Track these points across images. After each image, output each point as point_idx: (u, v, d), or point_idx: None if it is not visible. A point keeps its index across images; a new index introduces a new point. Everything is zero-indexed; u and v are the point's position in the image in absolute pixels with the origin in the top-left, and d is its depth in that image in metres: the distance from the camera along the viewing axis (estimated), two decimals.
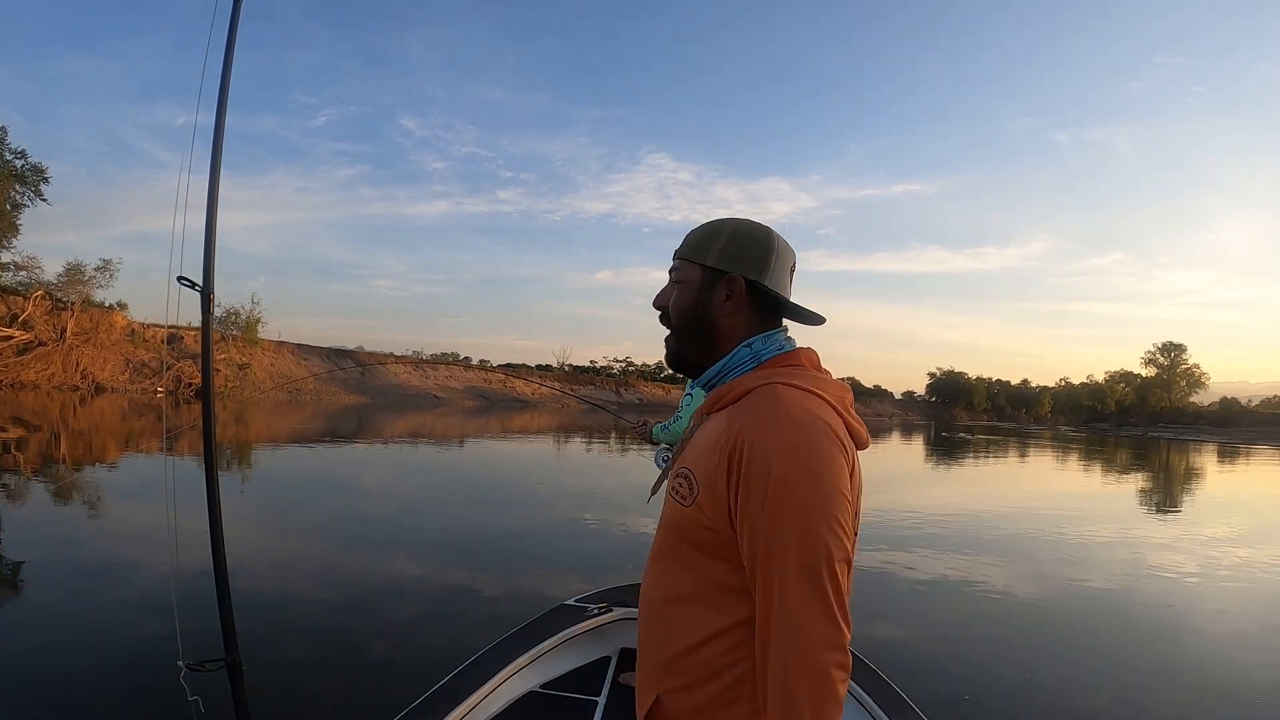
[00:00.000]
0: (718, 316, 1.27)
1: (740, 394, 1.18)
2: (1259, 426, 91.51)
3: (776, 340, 1.28)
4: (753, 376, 1.21)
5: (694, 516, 1.15)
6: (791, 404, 1.10)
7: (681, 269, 1.31)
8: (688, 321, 1.30)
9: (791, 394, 1.13)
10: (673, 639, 1.19)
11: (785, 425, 1.07)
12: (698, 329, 1.29)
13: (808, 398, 1.13)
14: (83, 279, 47.66)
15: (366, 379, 67.81)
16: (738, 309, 1.27)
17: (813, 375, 1.20)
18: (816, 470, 1.04)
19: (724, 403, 1.22)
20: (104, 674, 4.44)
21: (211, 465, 2.47)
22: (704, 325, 1.28)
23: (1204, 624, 7.07)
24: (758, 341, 1.26)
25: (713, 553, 1.14)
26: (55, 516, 9.24)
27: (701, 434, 1.24)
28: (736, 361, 1.26)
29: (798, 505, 1.03)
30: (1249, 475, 30.07)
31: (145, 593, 6.00)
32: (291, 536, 8.69)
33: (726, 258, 1.26)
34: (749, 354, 1.26)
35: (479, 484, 15.05)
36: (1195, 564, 9.90)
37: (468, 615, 5.95)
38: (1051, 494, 18.97)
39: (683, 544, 1.19)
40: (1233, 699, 5.19)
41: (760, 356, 1.25)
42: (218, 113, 2.47)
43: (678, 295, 1.31)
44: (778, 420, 1.08)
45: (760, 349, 1.26)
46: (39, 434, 20.10)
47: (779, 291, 1.27)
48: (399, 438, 25.74)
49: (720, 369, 1.27)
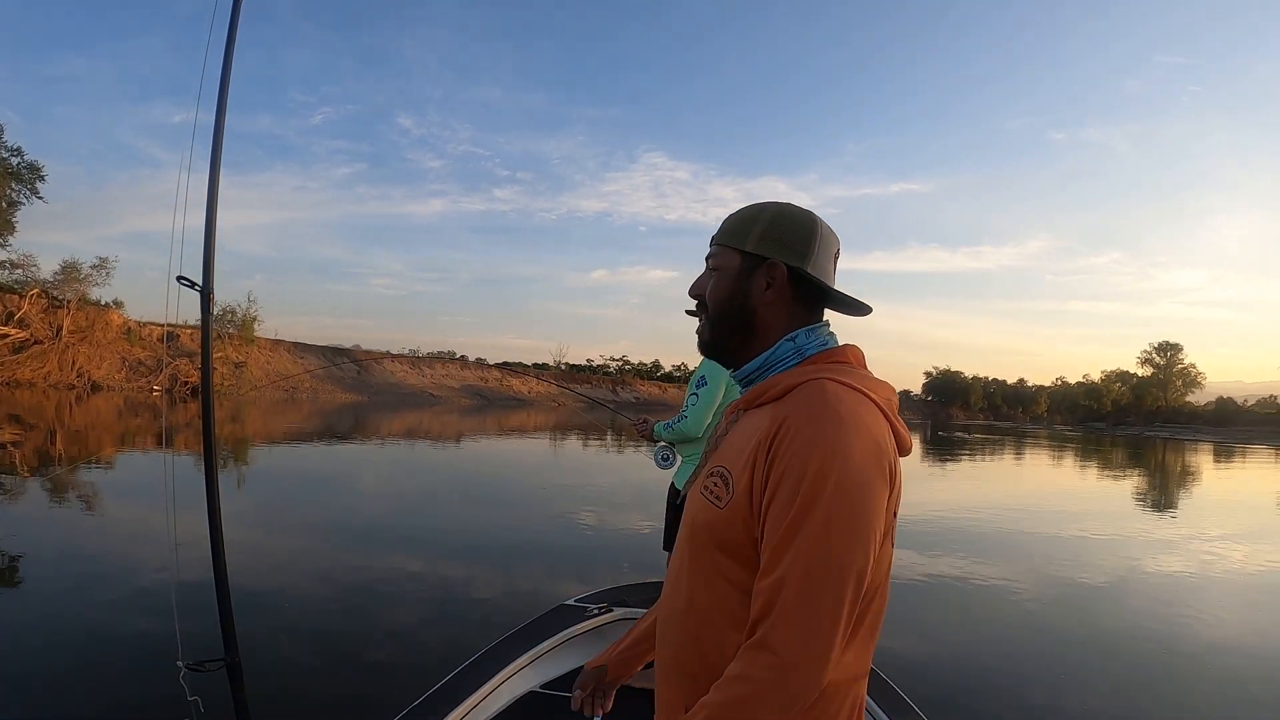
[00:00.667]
0: (757, 305, 1.20)
1: (784, 389, 1.12)
2: (1255, 426, 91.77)
3: (820, 335, 1.22)
4: (798, 372, 1.14)
5: (729, 519, 1.09)
6: (839, 403, 1.04)
7: (719, 255, 1.24)
8: (725, 310, 1.22)
9: (840, 391, 1.06)
10: (702, 653, 1.12)
11: (830, 424, 1.01)
12: (736, 318, 1.22)
13: (856, 398, 1.07)
14: (79, 277, 47.64)
15: (363, 377, 67.77)
16: (778, 297, 1.20)
17: (861, 374, 1.14)
18: (854, 479, 0.98)
19: (765, 399, 1.15)
20: (103, 674, 4.44)
21: (211, 464, 2.46)
22: (743, 314, 1.21)
23: (1200, 623, 7.08)
24: (801, 335, 1.20)
25: (748, 560, 1.07)
26: (53, 516, 9.23)
27: (738, 431, 1.19)
28: (779, 356, 1.20)
29: (825, 508, 0.97)
30: (1245, 475, 30.13)
31: (144, 593, 5.99)
32: (290, 536, 8.68)
33: (767, 242, 1.19)
34: (792, 348, 1.19)
35: (476, 483, 15.04)
36: (1192, 563, 9.93)
37: (467, 615, 5.95)
38: (1048, 493, 19.00)
39: (714, 549, 1.11)
40: (1230, 698, 5.20)
41: (804, 351, 1.19)
42: (218, 112, 2.47)
43: (715, 283, 1.24)
44: (824, 418, 1.02)
45: (804, 343, 1.19)
46: (35, 433, 20.06)
47: (822, 279, 1.20)
48: (396, 436, 25.74)
49: (761, 364, 1.21)
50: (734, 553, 1.09)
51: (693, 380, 3.71)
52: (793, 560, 0.97)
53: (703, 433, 3.62)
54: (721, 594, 1.10)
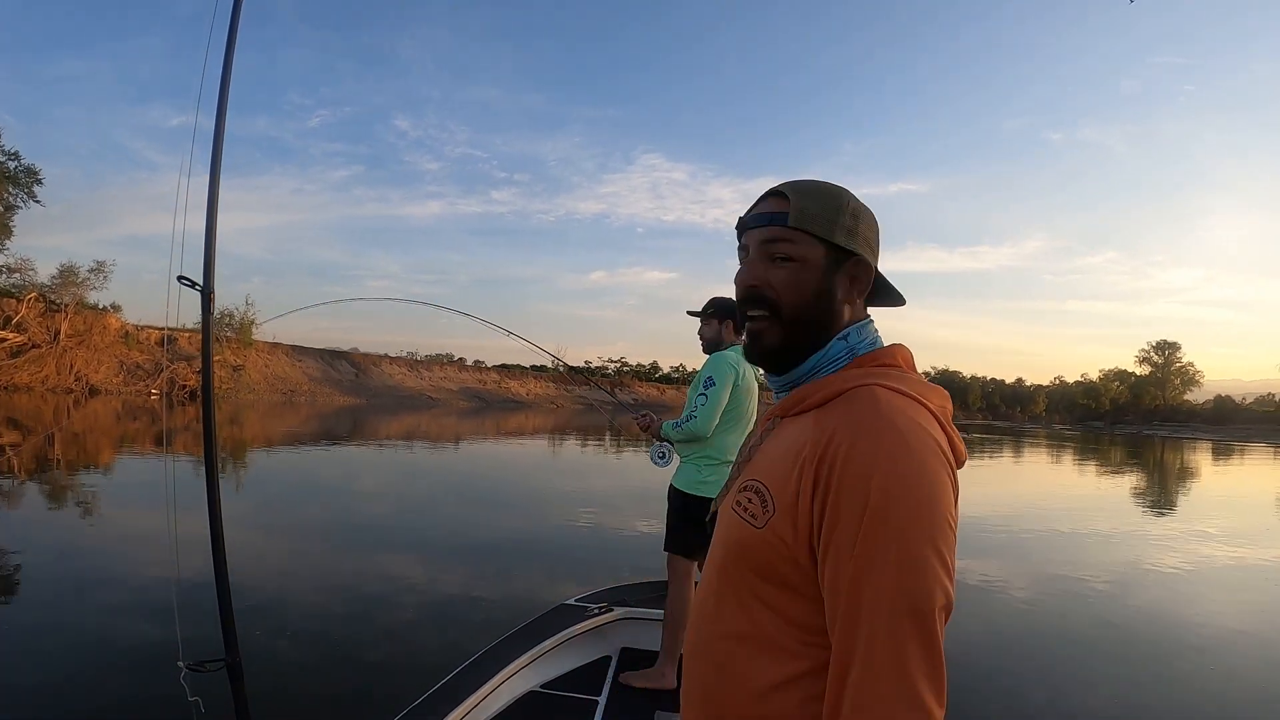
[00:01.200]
0: (839, 307, 1.08)
1: (829, 395, 1.01)
2: (1253, 424, 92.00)
3: (869, 332, 1.10)
4: (843, 377, 1.03)
5: (767, 540, 0.97)
6: (896, 412, 0.93)
7: (798, 242, 1.06)
8: (809, 311, 1.07)
9: (894, 399, 0.95)
10: (734, 685, 1.00)
11: (889, 437, 0.90)
12: (817, 321, 1.07)
13: (911, 405, 0.96)
14: (76, 281, 47.61)
15: (361, 380, 67.81)
16: (857, 299, 1.10)
17: (915, 380, 1.03)
18: (924, 495, 0.88)
19: (808, 405, 1.04)
20: (104, 674, 4.44)
21: (212, 464, 2.46)
22: (826, 316, 1.08)
23: (1200, 620, 7.08)
24: (853, 333, 1.09)
25: (789, 586, 0.96)
26: (53, 519, 9.22)
27: (776, 441, 1.07)
28: (831, 357, 1.07)
29: (899, 536, 0.86)
30: (1243, 473, 30.18)
31: (145, 594, 5.99)
32: (290, 538, 8.67)
33: (856, 238, 1.07)
34: (844, 348, 1.07)
35: (475, 485, 15.04)
36: (1191, 561, 9.93)
37: (466, 616, 5.94)
38: (1047, 493, 19.01)
39: (750, 572, 1.00)
40: (1229, 695, 5.21)
41: (855, 351, 1.07)
42: (218, 112, 2.47)
43: (793, 276, 1.06)
44: (880, 430, 0.91)
45: (856, 342, 1.08)
46: (35, 436, 20.03)
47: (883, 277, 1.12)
48: (394, 439, 25.72)
49: (812, 366, 1.08)
50: (772, 576, 0.98)
51: (698, 380, 3.68)
52: (869, 611, 0.85)
53: (710, 433, 3.61)
54: (757, 621, 0.99)
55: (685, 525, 3.62)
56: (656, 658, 3.55)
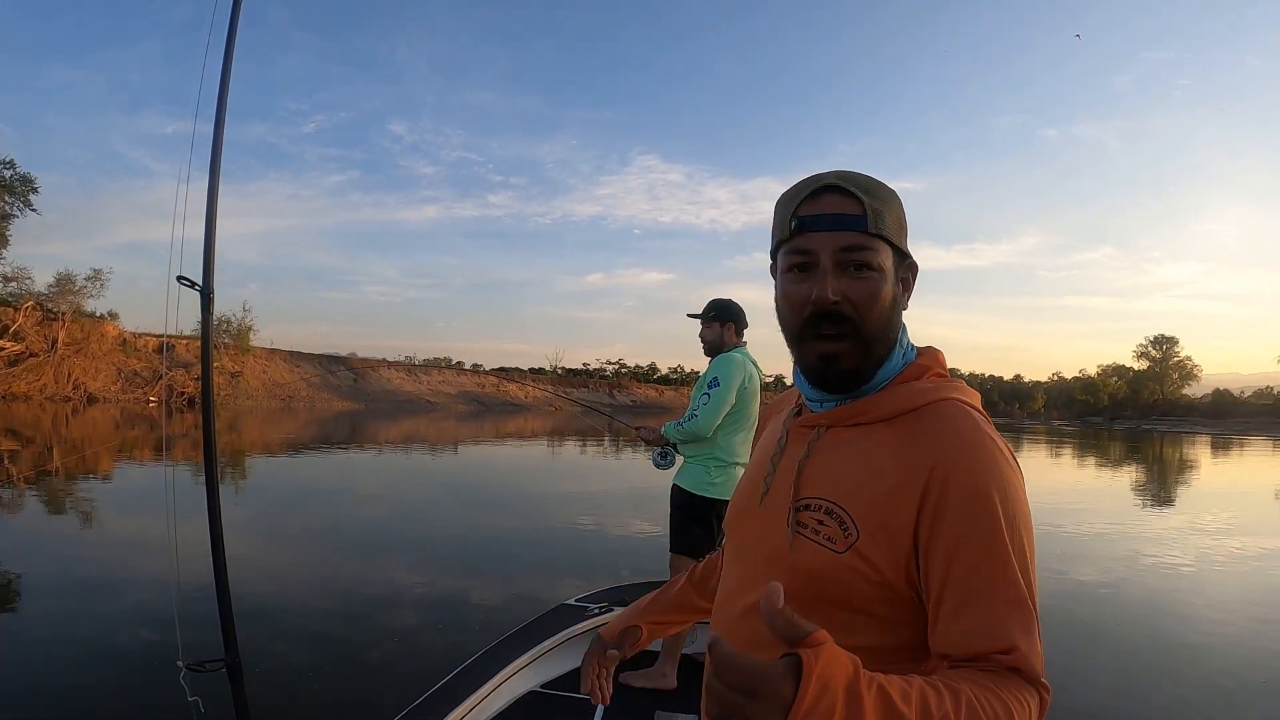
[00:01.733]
0: (900, 314, 1.02)
1: (905, 409, 0.96)
2: (1251, 417, 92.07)
3: (906, 334, 1.05)
4: (917, 389, 0.98)
5: (854, 566, 0.90)
6: (987, 429, 0.93)
7: (877, 252, 0.96)
8: (888, 327, 0.99)
9: (977, 416, 0.95)
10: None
11: (995, 455, 0.90)
12: (893, 335, 1.01)
13: (988, 421, 0.96)
14: (73, 289, 47.65)
15: (359, 385, 67.76)
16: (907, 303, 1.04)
17: (970, 390, 1.01)
18: (1026, 508, 0.91)
19: (868, 418, 0.98)
20: (104, 674, 4.45)
21: (212, 464, 2.47)
22: (896, 330, 1.02)
23: (1199, 615, 7.09)
24: (904, 338, 1.04)
25: (869, 611, 0.91)
26: (55, 524, 9.23)
27: (839, 457, 0.99)
28: (892, 370, 1.01)
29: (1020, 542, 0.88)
30: (1242, 466, 30.20)
31: (145, 595, 6.01)
32: (290, 542, 8.68)
33: (904, 236, 1.01)
34: (900, 354, 1.02)
35: (474, 489, 15.04)
36: (1190, 555, 9.93)
37: (465, 617, 5.94)
38: (1047, 488, 19.00)
39: (829, 603, 0.92)
40: (1227, 689, 5.21)
41: (907, 358, 1.03)
42: (218, 112, 2.48)
43: (874, 289, 0.96)
44: (984, 447, 0.90)
45: (905, 347, 1.04)
46: (35, 445, 20.02)
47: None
48: (393, 443, 25.71)
49: (878, 380, 1.01)
50: (853, 603, 0.92)
51: (703, 380, 3.70)
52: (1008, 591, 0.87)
53: (711, 433, 3.61)
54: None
55: (691, 525, 3.63)
56: (657, 658, 3.56)
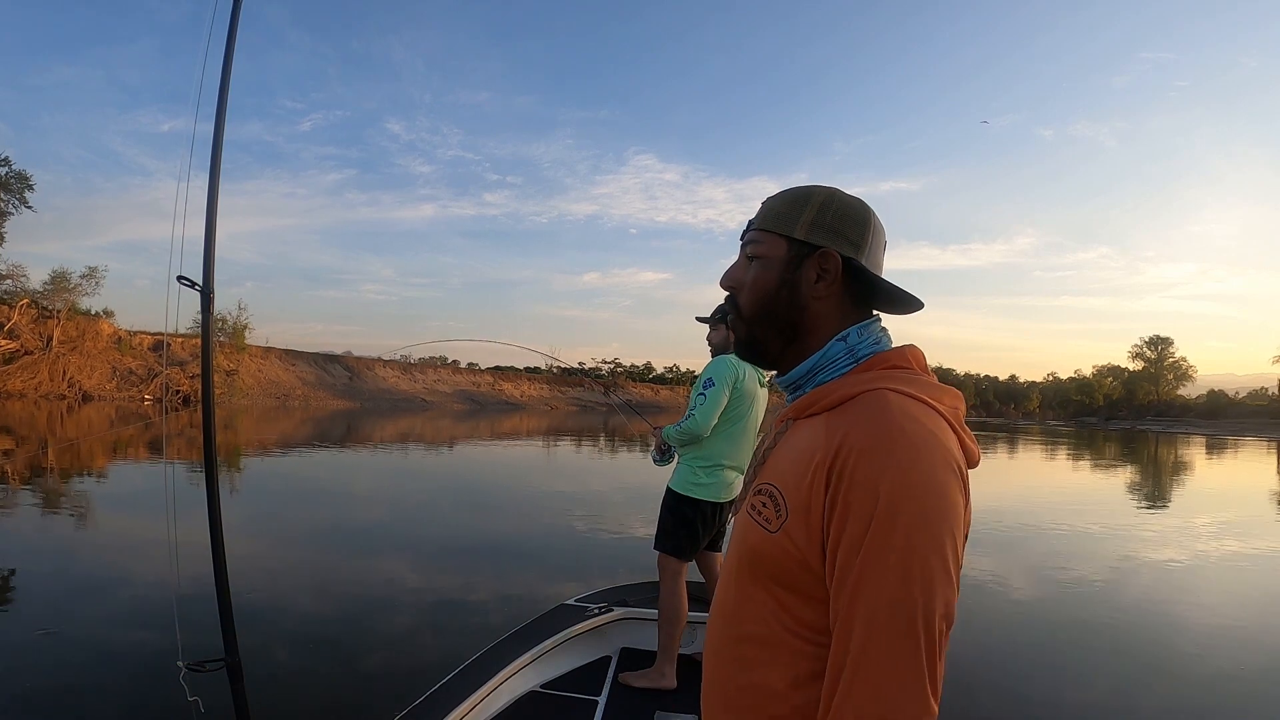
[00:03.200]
0: (807, 300, 1.07)
1: (840, 399, 1.00)
2: (1246, 418, 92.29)
3: (874, 333, 1.08)
4: (854, 380, 1.02)
5: (781, 545, 0.96)
6: (906, 417, 0.92)
7: (763, 242, 1.09)
8: (771, 306, 1.09)
9: (906, 404, 0.95)
10: (752, 686, 1.00)
11: (899, 444, 0.89)
12: (782, 315, 1.09)
13: (923, 410, 0.95)
14: (68, 287, 47.54)
15: (355, 384, 67.72)
16: (830, 292, 1.07)
17: (925, 381, 1.02)
18: (932, 504, 0.87)
19: (818, 409, 1.03)
20: (104, 674, 4.43)
21: (211, 464, 2.46)
22: (790, 311, 1.08)
23: (1194, 615, 7.12)
24: (853, 334, 1.07)
25: (800, 590, 0.96)
26: (51, 524, 9.18)
27: (789, 444, 1.06)
28: (830, 358, 1.07)
29: (904, 542, 0.85)
30: (1237, 467, 30.29)
31: (145, 595, 5.99)
32: (288, 541, 8.66)
33: (819, 230, 1.06)
34: (844, 349, 1.06)
35: (471, 488, 15.03)
36: (1185, 555, 9.97)
37: (464, 617, 5.93)
38: (1042, 488, 19.05)
39: (763, 576, 1.00)
40: (1225, 687, 5.23)
41: (858, 353, 1.06)
42: (218, 112, 2.47)
43: (757, 273, 1.10)
44: (890, 436, 0.90)
45: (857, 343, 1.06)
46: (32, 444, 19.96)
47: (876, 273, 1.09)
48: (390, 442, 25.68)
49: (811, 368, 1.08)
50: (784, 579, 0.97)
51: (699, 381, 3.75)
52: (869, 611, 0.86)
53: (708, 433, 3.64)
54: (773, 626, 0.99)
55: (677, 525, 3.67)
56: (656, 658, 3.56)
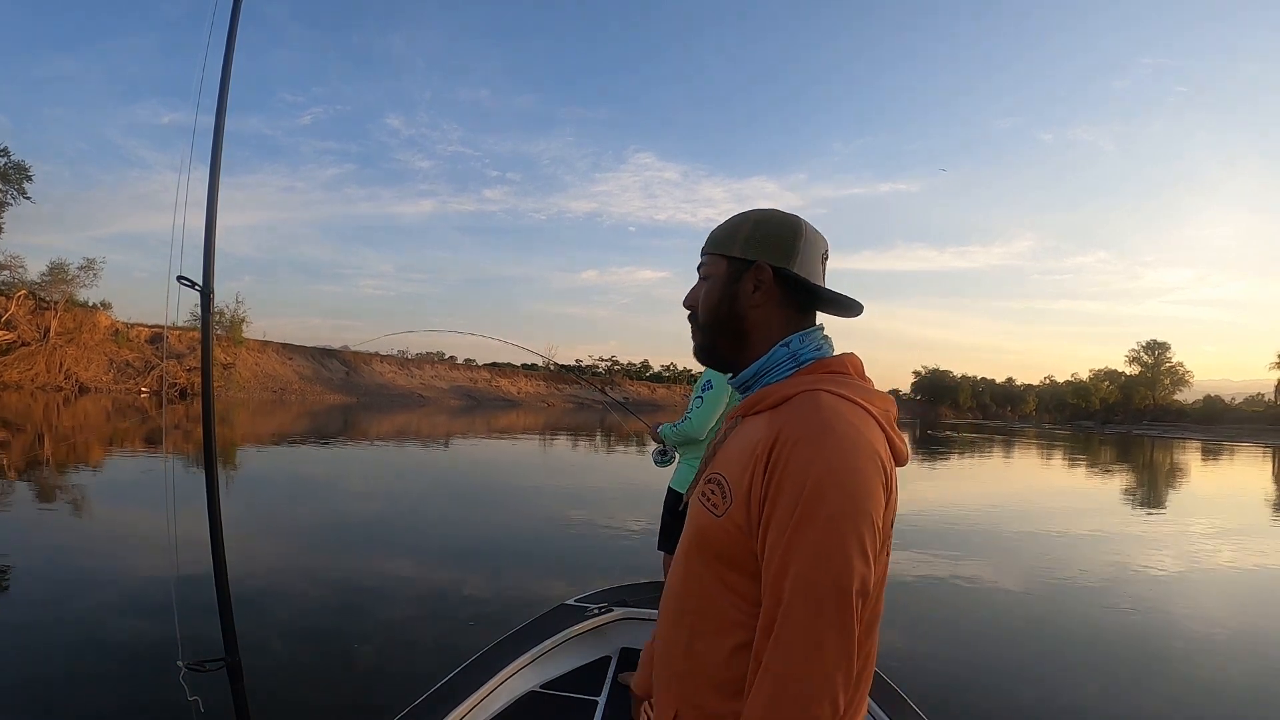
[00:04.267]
0: (746, 309, 1.21)
1: (780, 399, 1.11)
2: (1242, 424, 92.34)
3: (815, 340, 1.21)
4: (795, 381, 1.14)
5: (725, 528, 1.08)
6: (835, 416, 1.03)
7: (709, 264, 1.26)
8: (716, 316, 1.23)
9: (837, 404, 1.06)
10: (695, 654, 1.13)
11: (827, 438, 1.01)
12: (727, 323, 1.23)
13: (853, 410, 1.06)
14: (66, 278, 47.46)
15: (352, 379, 67.66)
16: (767, 299, 1.21)
17: (859, 385, 1.13)
18: (854, 491, 0.98)
19: (762, 407, 1.14)
20: (103, 674, 4.41)
21: (212, 463, 2.45)
22: (734, 319, 1.22)
23: (1187, 619, 7.12)
24: (795, 341, 1.20)
25: (743, 568, 1.08)
26: (48, 518, 9.17)
27: (736, 438, 1.18)
28: (774, 363, 1.19)
29: (827, 521, 0.96)
30: (1232, 473, 30.33)
31: (144, 593, 5.97)
32: (287, 538, 8.65)
33: (752, 245, 1.20)
34: (787, 354, 1.19)
35: (470, 485, 15.02)
36: (1179, 561, 9.98)
37: (464, 616, 5.92)
38: (1038, 492, 19.07)
39: (712, 557, 1.12)
40: (1215, 691, 5.24)
41: (800, 358, 1.19)
42: (218, 113, 2.46)
43: (706, 291, 1.25)
44: (821, 432, 1.01)
45: (799, 349, 1.19)
46: (28, 435, 19.94)
47: (809, 279, 1.21)
48: (387, 438, 25.65)
49: (757, 370, 1.21)
50: (729, 559, 1.09)
51: (699, 384, 3.80)
52: (794, 580, 0.97)
53: (705, 435, 3.68)
54: (717, 600, 1.11)
55: (673, 524, 3.70)
56: None
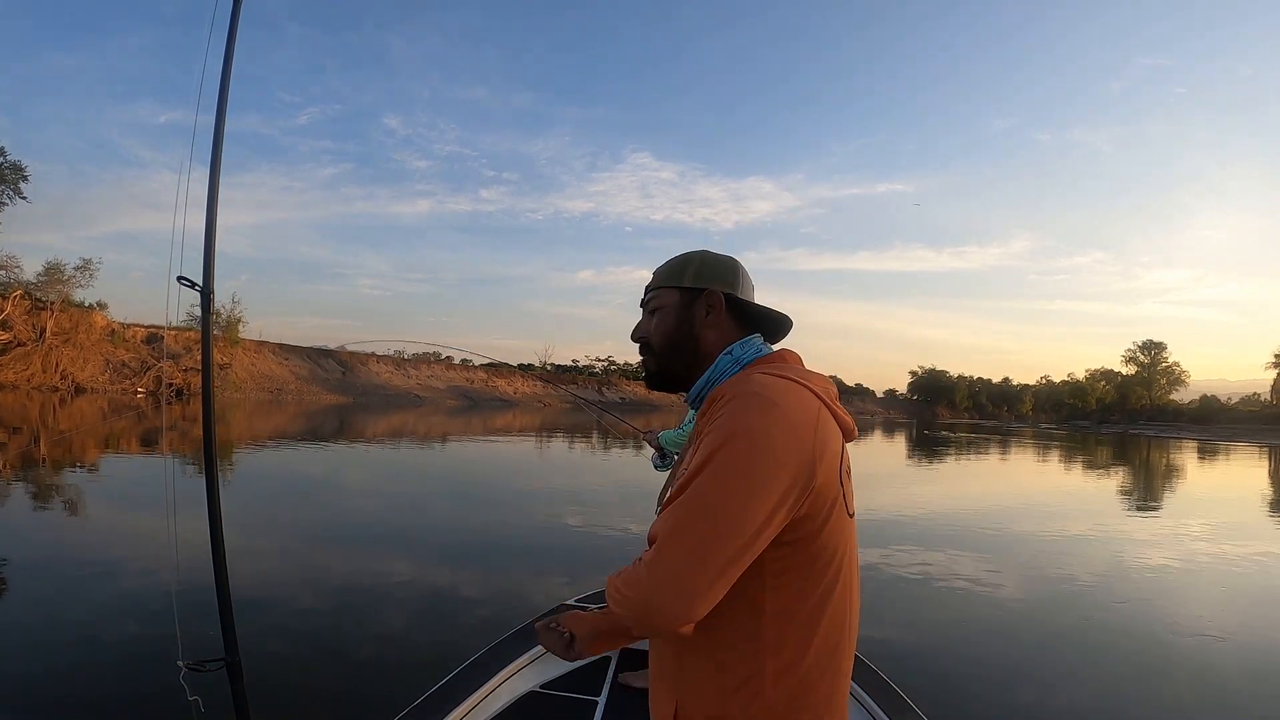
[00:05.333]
0: (700, 330, 1.33)
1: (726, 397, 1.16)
2: (1238, 424, 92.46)
3: (754, 344, 1.32)
4: (738, 377, 1.20)
5: None
6: (762, 385, 1.11)
7: (659, 296, 1.38)
8: (672, 341, 1.35)
9: (767, 379, 1.14)
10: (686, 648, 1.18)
11: (753, 400, 1.08)
12: (683, 346, 1.34)
13: (783, 384, 1.13)
14: (62, 278, 47.34)
15: (348, 379, 67.58)
16: (718, 320, 1.33)
17: (796, 369, 1.23)
18: (755, 441, 1.04)
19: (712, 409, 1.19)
20: (104, 674, 4.41)
21: (212, 464, 2.46)
22: (688, 341, 1.34)
23: (1183, 618, 7.13)
24: (737, 347, 1.31)
25: None
26: (47, 519, 9.14)
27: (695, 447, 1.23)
28: (720, 370, 1.30)
29: (719, 464, 1.03)
30: (1228, 472, 30.37)
31: (144, 593, 5.94)
32: (287, 538, 8.61)
33: (702, 276, 1.34)
34: (730, 360, 1.30)
35: (468, 484, 15.00)
36: (1175, 559, 9.99)
37: (465, 615, 5.93)
38: (1034, 491, 19.09)
39: None
40: (1213, 689, 5.25)
41: (742, 360, 1.29)
42: (218, 113, 2.46)
43: (659, 320, 1.37)
44: (747, 394, 1.09)
45: (741, 354, 1.30)
46: (24, 435, 19.90)
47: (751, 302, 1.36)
48: (383, 438, 25.62)
49: (705, 381, 1.31)
50: None
51: None
52: (681, 506, 1.04)
53: None
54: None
55: None
56: None
